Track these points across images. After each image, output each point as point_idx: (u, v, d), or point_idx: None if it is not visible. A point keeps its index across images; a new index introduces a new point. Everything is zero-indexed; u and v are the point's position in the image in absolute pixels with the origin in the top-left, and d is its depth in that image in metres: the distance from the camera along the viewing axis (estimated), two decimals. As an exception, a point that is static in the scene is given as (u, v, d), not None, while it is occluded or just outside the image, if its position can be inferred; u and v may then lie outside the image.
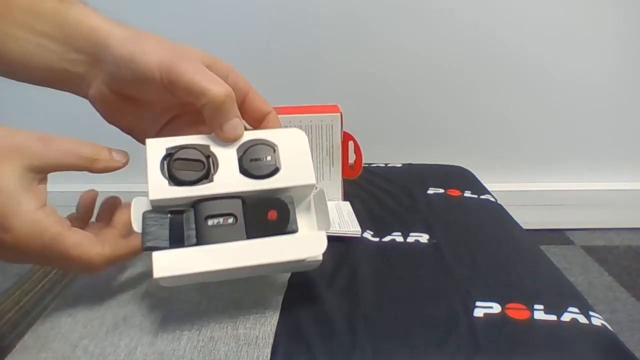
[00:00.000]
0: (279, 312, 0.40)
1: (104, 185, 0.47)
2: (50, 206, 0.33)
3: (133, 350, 0.36)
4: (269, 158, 0.36)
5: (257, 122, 0.39)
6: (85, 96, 0.37)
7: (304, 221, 0.38)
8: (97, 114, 0.38)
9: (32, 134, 0.32)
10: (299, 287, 0.43)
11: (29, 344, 0.38)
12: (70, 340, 0.38)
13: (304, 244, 0.35)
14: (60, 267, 0.35)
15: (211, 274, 0.34)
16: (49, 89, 0.38)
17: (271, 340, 0.37)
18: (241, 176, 0.36)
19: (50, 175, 0.34)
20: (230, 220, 0.34)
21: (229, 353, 0.36)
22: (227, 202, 0.35)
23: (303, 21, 1.25)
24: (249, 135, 0.37)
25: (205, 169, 0.35)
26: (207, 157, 0.35)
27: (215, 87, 0.33)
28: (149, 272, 0.32)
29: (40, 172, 0.32)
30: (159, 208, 0.34)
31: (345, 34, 1.26)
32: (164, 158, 0.35)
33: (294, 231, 0.35)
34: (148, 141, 0.35)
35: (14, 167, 0.31)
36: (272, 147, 0.37)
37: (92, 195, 0.39)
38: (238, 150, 0.36)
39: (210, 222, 0.34)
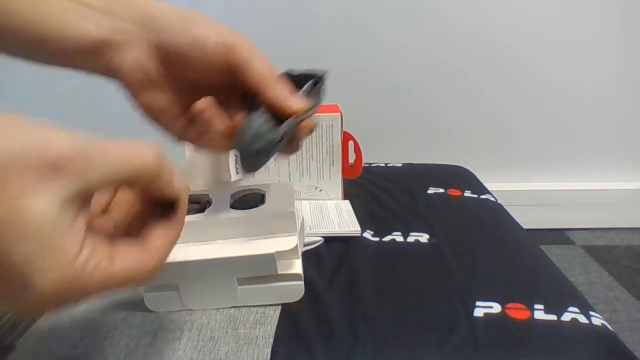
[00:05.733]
0: (279, 312, 0.40)
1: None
2: (90, 240, 0.23)
3: (133, 350, 0.36)
4: (256, 198, 0.44)
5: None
6: (113, 71, 0.35)
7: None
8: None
9: (72, 139, 0.22)
10: (299, 287, 0.43)
11: (29, 344, 0.38)
12: (70, 340, 0.38)
13: (277, 243, 0.39)
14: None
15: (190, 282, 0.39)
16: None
17: (271, 340, 0.37)
18: (230, 209, 0.42)
19: None
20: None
21: (229, 353, 0.36)
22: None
23: (303, 21, 1.25)
24: (242, 186, 0.46)
25: (200, 207, 0.41)
26: (206, 202, 0.42)
27: (267, 71, 0.34)
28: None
29: (82, 201, 0.22)
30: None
31: (345, 33, 1.26)
32: None
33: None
34: None
35: (51, 200, 0.21)
36: (261, 194, 0.44)
37: None
38: (232, 196, 0.44)
39: None
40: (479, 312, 0.40)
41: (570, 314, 0.40)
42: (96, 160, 0.22)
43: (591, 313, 0.41)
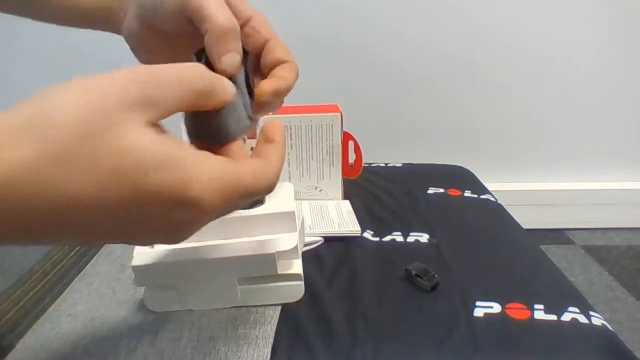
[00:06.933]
0: (279, 312, 0.40)
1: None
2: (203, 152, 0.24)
3: (133, 350, 0.36)
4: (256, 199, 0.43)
5: (269, 70, 0.36)
6: (121, 32, 0.38)
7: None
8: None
9: (135, 72, 0.23)
10: (299, 287, 0.43)
11: (29, 344, 0.38)
12: (70, 340, 0.38)
13: (277, 243, 0.39)
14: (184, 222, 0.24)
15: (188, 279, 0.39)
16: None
17: (271, 340, 0.37)
18: None
19: None
20: None
21: (229, 353, 0.36)
22: None
23: (303, 21, 1.25)
24: None
25: None
26: None
27: (222, 16, 0.31)
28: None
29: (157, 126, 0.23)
30: None
31: (345, 34, 1.26)
32: None
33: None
34: None
35: (148, 130, 0.22)
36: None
37: None
38: None
39: None
40: (479, 312, 0.40)
41: (570, 314, 0.40)
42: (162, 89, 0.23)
43: (591, 313, 0.41)
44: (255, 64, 0.35)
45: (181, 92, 0.23)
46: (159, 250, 0.39)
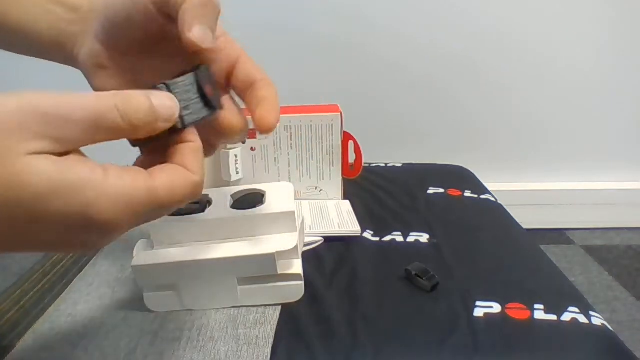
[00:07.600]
0: (279, 312, 0.40)
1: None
2: (109, 165, 0.23)
3: (133, 350, 0.36)
4: (256, 198, 0.44)
5: (244, 90, 0.34)
6: (75, 62, 0.35)
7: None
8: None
9: (44, 105, 0.22)
10: (299, 287, 0.43)
11: (29, 344, 0.38)
12: (70, 340, 0.38)
13: (277, 243, 0.40)
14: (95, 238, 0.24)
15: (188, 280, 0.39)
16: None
17: (271, 340, 0.37)
18: (230, 209, 0.42)
19: None
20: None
21: (229, 353, 0.36)
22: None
23: (303, 22, 1.25)
24: (244, 187, 0.46)
25: (200, 207, 0.42)
26: (206, 202, 0.43)
27: None
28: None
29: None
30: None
31: (345, 34, 1.26)
32: None
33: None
34: None
35: (45, 157, 0.22)
36: (261, 194, 0.45)
37: None
38: (232, 196, 0.44)
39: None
40: (479, 312, 0.40)
41: (570, 314, 0.40)
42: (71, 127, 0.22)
43: (591, 313, 0.41)
44: (223, 77, 0.33)
45: (88, 131, 0.23)
46: (159, 250, 0.39)
